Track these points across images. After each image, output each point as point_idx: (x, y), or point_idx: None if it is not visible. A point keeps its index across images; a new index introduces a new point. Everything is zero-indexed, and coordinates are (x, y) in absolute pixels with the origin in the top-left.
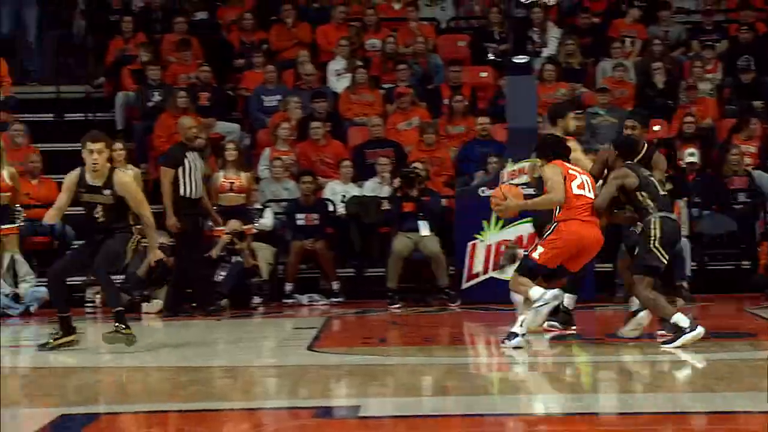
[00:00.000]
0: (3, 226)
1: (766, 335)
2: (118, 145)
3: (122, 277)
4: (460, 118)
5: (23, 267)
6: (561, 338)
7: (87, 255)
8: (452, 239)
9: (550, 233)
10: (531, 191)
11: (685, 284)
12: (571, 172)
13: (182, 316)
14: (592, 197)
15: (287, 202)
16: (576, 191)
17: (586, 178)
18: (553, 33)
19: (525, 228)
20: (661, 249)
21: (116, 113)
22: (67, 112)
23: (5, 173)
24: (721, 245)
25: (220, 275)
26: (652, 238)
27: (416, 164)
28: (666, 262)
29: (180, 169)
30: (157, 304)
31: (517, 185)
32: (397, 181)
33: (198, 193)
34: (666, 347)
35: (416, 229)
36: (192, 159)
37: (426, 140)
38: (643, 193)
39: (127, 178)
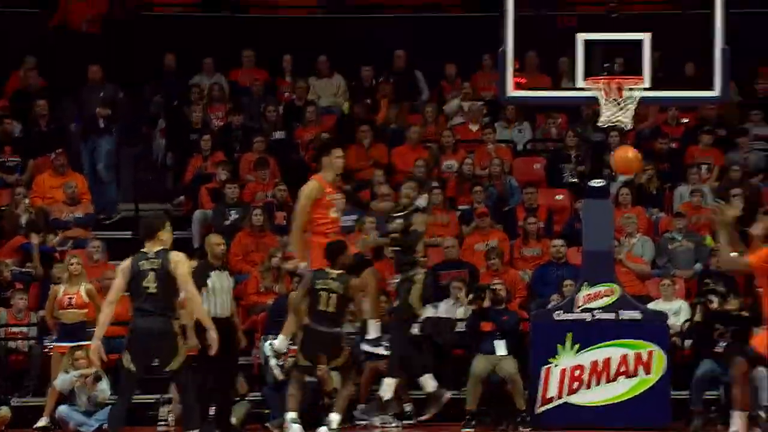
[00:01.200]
0: (79, 343)
1: None
2: (193, 263)
3: None
4: (535, 241)
5: (102, 384)
6: None
7: None
8: (526, 362)
9: None
10: None
11: (762, 414)
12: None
13: None
14: None
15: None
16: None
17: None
18: None
19: (602, 353)
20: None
21: (193, 230)
22: None
23: (82, 290)
24: None
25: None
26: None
27: (497, 284)
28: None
29: (203, 289)
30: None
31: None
32: (471, 297)
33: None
34: None
35: (494, 351)
36: (217, 278)
37: (492, 266)
38: None
39: None
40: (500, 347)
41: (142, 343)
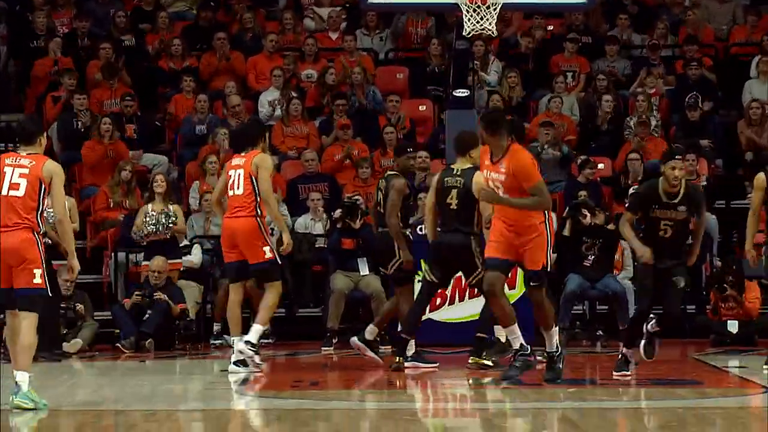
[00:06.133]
0: None
1: (711, 382)
2: None
3: None
4: None
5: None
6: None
7: None
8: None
9: None
10: None
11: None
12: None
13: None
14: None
15: (216, 238)
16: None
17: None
18: (495, 66)
19: None
20: None
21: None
22: None
23: None
24: None
25: (147, 314)
26: None
27: (357, 196)
28: None
29: None
30: (77, 343)
31: None
32: (338, 212)
33: None
34: None
35: (356, 269)
36: None
37: (361, 175)
38: None
39: None
40: (363, 266)
41: (444, 256)
